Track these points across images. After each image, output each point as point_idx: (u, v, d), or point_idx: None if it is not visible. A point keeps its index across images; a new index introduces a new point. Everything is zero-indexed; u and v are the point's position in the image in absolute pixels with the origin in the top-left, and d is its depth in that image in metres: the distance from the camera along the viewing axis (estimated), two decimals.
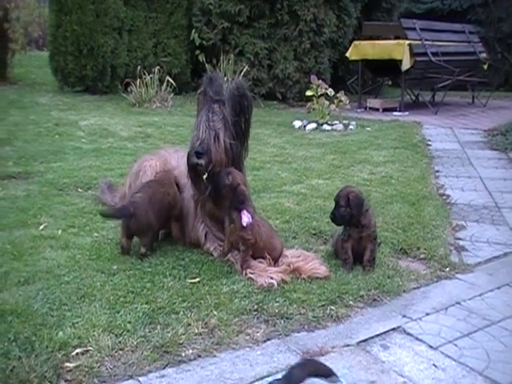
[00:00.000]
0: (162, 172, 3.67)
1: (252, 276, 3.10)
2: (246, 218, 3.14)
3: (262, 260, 3.25)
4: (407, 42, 10.13)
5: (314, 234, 3.88)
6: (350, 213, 3.26)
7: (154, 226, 3.38)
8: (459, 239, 3.92)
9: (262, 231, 3.25)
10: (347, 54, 11.21)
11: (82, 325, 2.52)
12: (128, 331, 2.49)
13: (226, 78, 10.12)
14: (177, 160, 3.92)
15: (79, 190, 4.73)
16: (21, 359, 2.24)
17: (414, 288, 3.14)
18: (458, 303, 2.98)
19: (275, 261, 3.28)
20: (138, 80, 9.69)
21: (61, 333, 2.43)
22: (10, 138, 6.57)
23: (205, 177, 3.31)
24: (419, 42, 10.39)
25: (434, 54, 10.46)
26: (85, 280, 2.98)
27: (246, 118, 3.43)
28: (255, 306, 2.78)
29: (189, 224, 3.57)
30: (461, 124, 9.33)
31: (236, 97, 3.37)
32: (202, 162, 3.26)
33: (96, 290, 2.86)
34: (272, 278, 3.06)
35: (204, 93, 3.42)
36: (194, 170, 3.34)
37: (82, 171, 5.26)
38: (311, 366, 1.91)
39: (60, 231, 3.70)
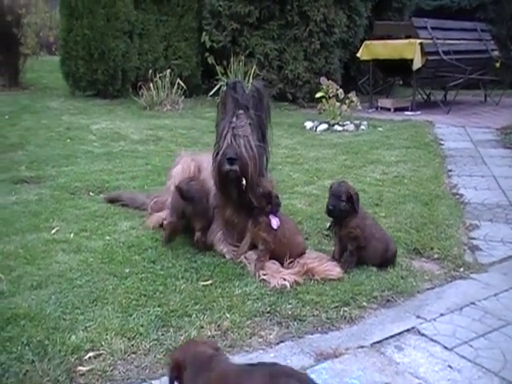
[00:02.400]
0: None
1: (265, 277, 3.10)
2: (275, 222, 3.24)
3: (275, 261, 3.26)
4: (418, 41, 10.08)
5: (327, 236, 3.86)
6: (347, 208, 3.27)
7: (208, 212, 3.49)
8: (473, 239, 3.89)
9: (285, 228, 3.29)
10: (358, 54, 11.17)
11: (95, 328, 2.53)
12: (141, 334, 2.49)
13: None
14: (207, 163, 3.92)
15: (91, 193, 4.76)
16: (34, 363, 2.25)
17: (428, 288, 3.12)
18: (473, 303, 2.95)
19: (299, 255, 3.29)
20: (149, 83, 9.72)
21: (73, 337, 2.44)
22: (23, 143, 6.62)
23: (244, 183, 3.30)
24: (430, 41, 10.33)
25: (446, 53, 10.39)
26: (97, 283, 2.99)
27: (267, 119, 3.46)
28: (268, 308, 2.77)
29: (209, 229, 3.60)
30: (473, 123, 9.26)
31: (256, 99, 3.40)
32: (235, 168, 3.26)
33: (108, 293, 2.87)
34: (285, 280, 3.05)
35: (227, 100, 3.42)
36: (225, 176, 3.32)
37: (94, 175, 5.28)
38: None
39: (72, 235, 3.72)
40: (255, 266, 3.19)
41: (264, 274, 3.12)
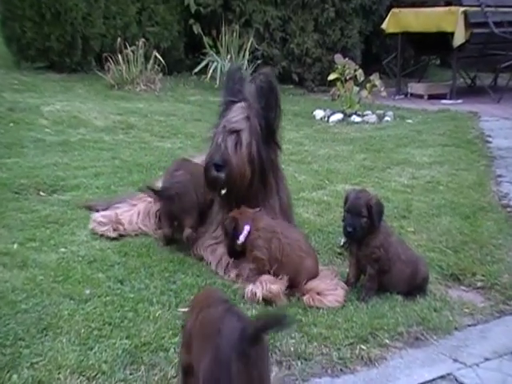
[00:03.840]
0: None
1: (239, 282, 3.27)
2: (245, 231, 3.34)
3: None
4: (461, 8, 10.12)
5: (340, 254, 3.88)
6: (370, 224, 3.30)
7: (198, 204, 3.65)
8: None
9: (285, 243, 3.33)
10: (383, 26, 11.22)
11: (44, 365, 2.53)
12: (103, 373, 2.50)
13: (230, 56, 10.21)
14: None
15: (41, 193, 4.76)
16: None
17: (469, 325, 3.14)
18: None
19: (298, 284, 3.32)
20: (118, 55, 9.70)
21: (15, 376, 2.44)
22: None
23: (223, 192, 3.45)
24: (478, 9, 10.33)
25: (498, 25, 10.36)
26: (48, 308, 2.99)
27: (276, 116, 3.54)
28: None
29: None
30: None
31: (264, 91, 3.47)
32: (221, 175, 3.39)
33: (63, 320, 2.87)
34: (260, 287, 3.15)
35: (223, 90, 3.64)
36: (213, 184, 3.47)
37: (46, 170, 5.28)
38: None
39: (16, 245, 3.72)
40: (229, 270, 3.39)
41: (237, 275, 3.24)
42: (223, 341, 1.98)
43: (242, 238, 3.33)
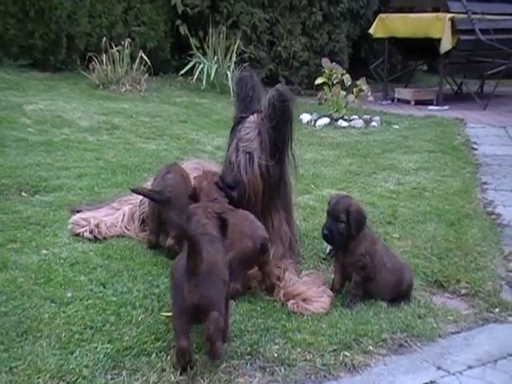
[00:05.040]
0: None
1: None
2: None
3: None
4: (449, 15, 10.19)
5: (325, 260, 3.89)
6: (349, 231, 3.31)
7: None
8: None
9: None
10: (371, 31, 11.27)
11: (23, 370, 2.50)
12: (84, 378, 2.48)
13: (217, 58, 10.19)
14: None
15: (23, 193, 4.73)
16: None
17: (453, 332, 3.15)
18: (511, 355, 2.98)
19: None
20: (103, 55, 9.68)
21: None
22: None
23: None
24: (465, 16, 10.41)
25: (484, 32, 10.45)
26: (28, 311, 2.97)
27: (288, 132, 3.57)
28: (248, 349, 2.79)
29: None
30: None
31: (278, 108, 3.48)
32: (234, 194, 3.50)
33: (43, 323, 2.85)
34: None
35: (236, 99, 3.68)
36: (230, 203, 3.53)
37: (28, 170, 5.25)
38: None
39: None
40: None
41: None
42: (177, 273, 2.62)
43: None
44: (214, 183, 3.52)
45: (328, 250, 3.92)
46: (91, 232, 3.95)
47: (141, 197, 4.06)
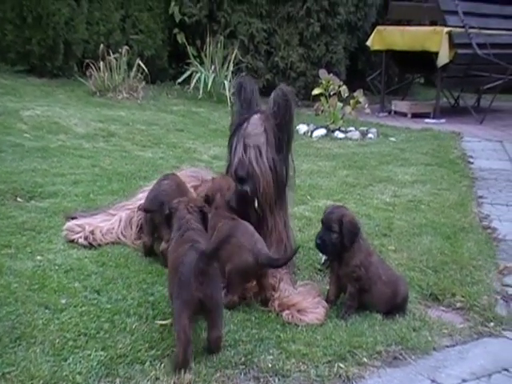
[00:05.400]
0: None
1: None
2: None
3: None
4: (446, 29, 10.23)
5: (321, 270, 3.89)
6: (342, 241, 3.32)
7: None
8: (508, 286, 3.94)
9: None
10: (368, 43, 11.31)
11: (16, 376, 2.50)
12: None
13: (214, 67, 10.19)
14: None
15: (19, 199, 4.72)
16: None
17: (448, 346, 3.15)
18: (506, 370, 2.97)
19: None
20: (101, 62, 9.69)
21: None
22: None
23: (256, 205, 3.51)
24: (462, 30, 10.45)
25: (481, 46, 10.51)
26: (22, 317, 2.96)
27: (290, 130, 3.67)
28: (243, 359, 2.78)
29: None
30: None
31: (282, 106, 3.57)
32: (246, 188, 3.48)
33: (37, 330, 2.85)
34: None
35: (237, 102, 3.71)
36: (243, 199, 3.51)
37: (24, 175, 5.24)
38: None
39: None
40: None
41: None
42: (185, 268, 2.72)
43: None
44: (226, 202, 3.49)
45: (323, 261, 3.92)
46: (86, 238, 3.96)
47: (138, 202, 4.09)
